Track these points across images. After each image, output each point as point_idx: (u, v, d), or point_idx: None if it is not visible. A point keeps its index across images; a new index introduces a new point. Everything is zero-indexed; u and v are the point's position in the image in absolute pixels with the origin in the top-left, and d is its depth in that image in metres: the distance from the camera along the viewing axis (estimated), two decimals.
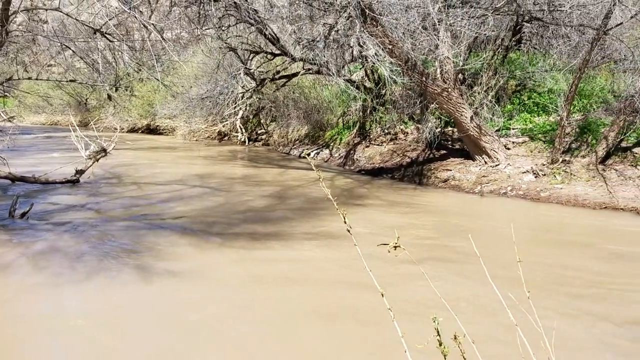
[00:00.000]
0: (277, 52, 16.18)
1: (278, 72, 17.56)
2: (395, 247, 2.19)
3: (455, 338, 1.98)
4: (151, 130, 31.30)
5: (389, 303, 2.20)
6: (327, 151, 20.24)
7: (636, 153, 13.25)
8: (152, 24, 10.23)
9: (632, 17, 13.00)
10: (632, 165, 13.01)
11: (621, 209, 11.61)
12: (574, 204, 12.13)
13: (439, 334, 1.97)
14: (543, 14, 14.00)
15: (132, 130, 32.15)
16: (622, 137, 13.37)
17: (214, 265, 7.43)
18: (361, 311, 5.71)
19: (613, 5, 11.73)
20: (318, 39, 11.65)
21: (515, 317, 2.06)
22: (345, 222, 2.29)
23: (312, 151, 20.83)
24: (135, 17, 8.35)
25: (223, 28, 15.42)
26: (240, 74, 16.97)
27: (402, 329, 2.08)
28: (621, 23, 12.61)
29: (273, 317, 5.79)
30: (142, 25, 9.89)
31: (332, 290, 6.55)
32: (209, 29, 15.73)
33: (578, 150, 13.91)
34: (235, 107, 20.88)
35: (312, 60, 12.97)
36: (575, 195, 12.46)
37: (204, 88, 19.02)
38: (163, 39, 11.82)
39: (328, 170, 17.31)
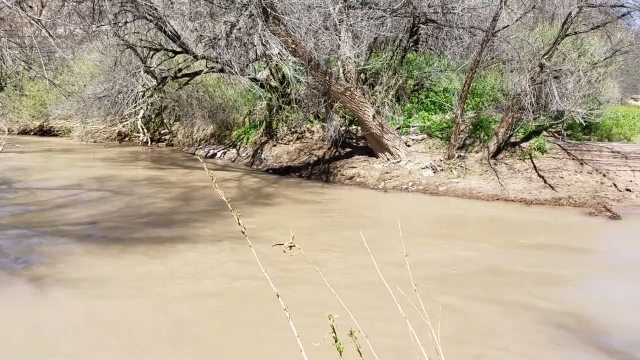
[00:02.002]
0: (179, 49, 15.74)
1: (180, 70, 17.08)
2: (290, 246, 2.21)
3: (351, 334, 2.04)
4: (45, 131, 29.28)
5: (289, 302, 2.21)
6: (234, 151, 20.01)
7: (524, 147, 14.29)
8: (38, 20, 9.57)
9: (517, 20, 14.00)
10: (520, 159, 14.01)
11: (511, 200, 12.47)
12: (469, 197, 12.86)
13: (334, 331, 2.02)
14: (437, 16, 14.71)
15: (24, 132, 29.92)
16: (511, 133, 14.36)
17: (113, 274, 7.10)
18: (265, 311, 5.70)
19: (500, 9, 12.56)
20: (220, 36, 11.47)
21: (407, 309, 2.15)
22: (239, 224, 2.26)
23: (218, 151, 20.52)
24: (19, 12, 7.75)
25: (120, 24, 14.74)
26: (140, 72, 16.32)
27: (303, 328, 2.10)
28: (508, 25, 13.54)
29: (176, 325, 5.64)
30: (31, 21, 9.22)
31: (238, 293, 6.49)
32: (104, 25, 14.97)
33: (472, 146, 14.77)
34: (136, 106, 20.06)
35: (215, 58, 12.75)
36: (471, 188, 13.22)
37: (101, 87, 18.08)
38: (50, 35, 11.10)
39: (235, 170, 17.13)
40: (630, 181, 12.49)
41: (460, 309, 6.13)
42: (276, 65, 14.88)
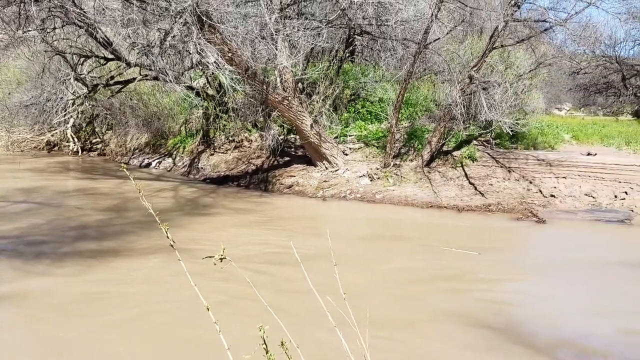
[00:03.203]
0: (111, 56, 15.29)
1: (112, 77, 16.58)
2: (221, 259, 2.20)
3: (282, 344, 2.05)
4: None
5: (222, 315, 2.21)
6: (170, 160, 19.59)
7: (456, 156, 14.80)
8: None
9: (447, 33, 14.53)
10: (453, 167, 14.51)
11: (444, 206, 12.88)
12: (404, 204, 13.18)
13: (265, 342, 2.03)
14: (372, 28, 15.04)
15: None
16: (443, 142, 14.85)
17: (40, 289, 6.79)
18: (196, 324, 5.60)
19: (431, 22, 12.99)
20: (154, 44, 11.24)
21: (336, 318, 2.19)
22: (167, 237, 2.24)
23: (153, 160, 20.02)
24: None
25: (48, 30, 14.16)
26: (70, 79, 15.70)
27: (234, 340, 2.10)
28: (439, 38, 14.04)
29: (105, 343, 5.46)
30: None
31: (171, 307, 6.35)
32: (31, 31, 14.33)
33: (407, 154, 15.15)
34: (66, 114, 19.25)
35: (149, 66, 12.48)
36: (406, 196, 13.55)
37: (28, 95, 17.30)
38: None
39: (171, 180, 16.77)
40: (555, 187, 13.17)
41: (389, 315, 6.26)
42: (213, 73, 14.75)
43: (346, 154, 15.53)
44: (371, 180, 14.32)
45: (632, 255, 9.35)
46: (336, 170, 14.84)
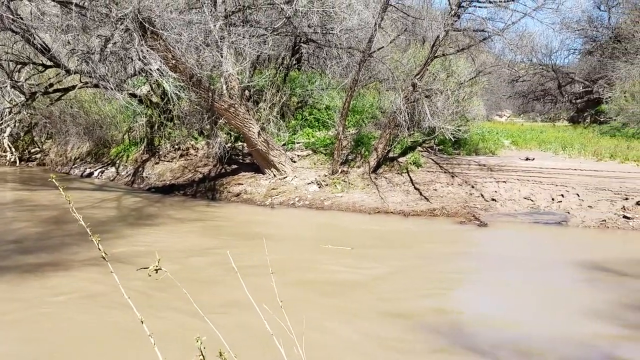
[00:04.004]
0: (49, 63, 14.77)
1: (52, 85, 16.00)
2: (156, 270, 2.18)
3: (220, 355, 2.05)
4: None
5: (159, 327, 2.18)
6: (113, 169, 19.08)
7: (401, 162, 15.10)
8: None
9: (391, 42, 14.85)
10: (399, 173, 14.78)
11: (391, 212, 13.10)
12: (352, 210, 13.32)
13: (202, 354, 2.02)
14: (317, 36, 15.18)
15: None
16: (389, 149, 15.11)
17: None
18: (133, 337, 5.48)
19: (375, 31, 13.24)
20: (94, 50, 10.95)
21: (273, 324, 2.20)
22: (99, 249, 2.20)
23: (96, 170, 19.44)
24: None
25: None
26: (6, 87, 15.04)
27: (170, 353, 2.08)
28: (382, 47, 14.31)
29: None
30: None
31: (110, 320, 6.17)
32: None
33: (354, 161, 15.34)
34: (2, 124, 18.48)
35: (89, 73, 12.14)
36: (354, 202, 13.70)
37: None
38: None
39: (115, 190, 16.32)
40: (496, 191, 13.63)
41: (327, 321, 6.32)
42: (156, 80, 14.50)
43: (294, 161, 15.56)
44: (319, 187, 14.40)
45: (568, 255, 9.78)
46: (284, 178, 14.84)
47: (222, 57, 11.83)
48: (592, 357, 5.63)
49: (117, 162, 19.27)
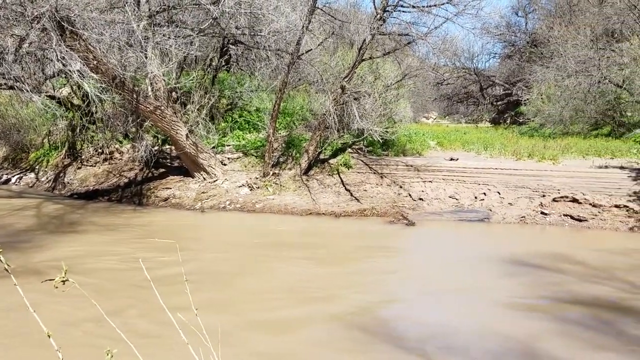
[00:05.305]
0: None
1: None
2: (63, 281, 2.07)
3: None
4: None
5: (67, 341, 2.08)
6: (32, 175, 18.11)
7: (332, 164, 15.23)
8: None
9: (319, 45, 14.96)
10: (330, 175, 14.91)
11: (323, 213, 13.19)
12: (285, 212, 13.31)
13: None
14: (245, 38, 15.06)
15: None
16: (320, 150, 15.22)
17: None
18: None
19: (303, 34, 13.29)
20: (7, 51, 10.33)
21: (190, 335, 2.15)
22: (1, 261, 2.07)
23: (13, 176, 18.37)
24: None
25: None
26: None
27: None
28: (311, 49, 14.40)
29: None
30: None
31: (20, 334, 5.84)
32: None
33: (285, 163, 15.33)
34: None
35: (3, 74, 11.46)
36: (286, 204, 13.69)
37: None
38: None
39: (34, 197, 15.48)
40: (422, 191, 14.02)
41: (245, 325, 6.29)
42: (77, 82, 13.90)
43: (225, 164, 15.35)
44: (251, 190, 14.29)
45: (490, 251, 10.20)
46: (215, 181, 14.61)
47: (146, 57, 11.49)
48: (512, 348, 5.89)
49: (37, 167, 18.31)
